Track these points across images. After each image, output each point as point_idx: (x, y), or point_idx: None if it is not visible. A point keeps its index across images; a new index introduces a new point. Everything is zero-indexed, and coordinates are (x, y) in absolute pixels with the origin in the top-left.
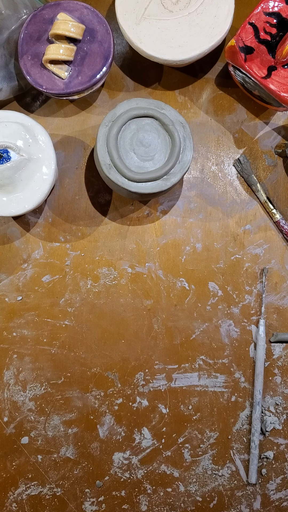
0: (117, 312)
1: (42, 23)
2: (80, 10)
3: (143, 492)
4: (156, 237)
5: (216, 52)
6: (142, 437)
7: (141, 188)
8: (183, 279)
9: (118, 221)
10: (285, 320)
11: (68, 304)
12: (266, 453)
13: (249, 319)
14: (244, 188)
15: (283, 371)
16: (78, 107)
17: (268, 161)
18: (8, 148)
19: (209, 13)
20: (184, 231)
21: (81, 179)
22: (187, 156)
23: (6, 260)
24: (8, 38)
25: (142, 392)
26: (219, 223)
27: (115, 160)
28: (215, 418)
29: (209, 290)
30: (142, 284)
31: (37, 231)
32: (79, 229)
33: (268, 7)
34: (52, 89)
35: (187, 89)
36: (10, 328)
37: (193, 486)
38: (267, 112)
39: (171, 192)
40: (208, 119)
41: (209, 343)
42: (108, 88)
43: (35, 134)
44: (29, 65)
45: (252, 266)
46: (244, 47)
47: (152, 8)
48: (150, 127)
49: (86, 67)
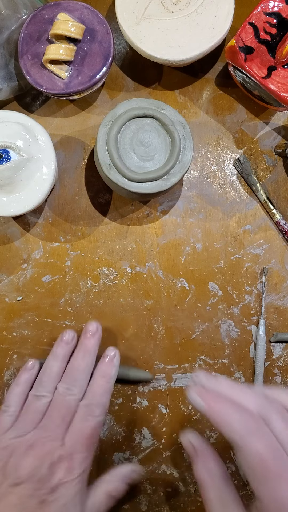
0: (117, 312)
1: (42, 23)
2: (80, 10)
3: (143, 492)
4: (156, 237)
5: (216, 52)
6: (142, 437)
7: (141, 188)
8: (183, 279)
9: (118, 221)
10: (285, 320)
11: (68, 304)
12: None
13: (249, 319)
14: (244, 188)
15: (283, 371)
16: (78, 107)
17: (268, 161)
18: (8, 148)
19: (209, 13)
20: (184, 231)
21: (81, 179)
22: (187, 156)
23: (6, 260)
24: (8, 38)
25: (142, 392)
26: (219, 223)
27: (115, 160)
28: None
29: (209, 290)
30: (142, 284)
31: (37, 231)
32: (79, 229)
33: (268, 7)
34: (52, 89)
35: (187, 89)
36: (10, 328)
37: (193, 486)
38: (267, 112)
39: (171, 192)
40: (208, 119)
41: (209, 343)
42: (108, 88)
43: (35, 134)
44: (29, 65)
45: (252, 266)
46: (244, 47)
47: (152, 8)
48: (150, 127)
49: (86, 67)
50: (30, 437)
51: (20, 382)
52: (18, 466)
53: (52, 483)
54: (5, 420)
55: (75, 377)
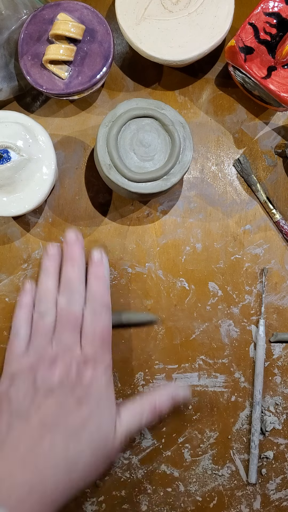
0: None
1: (42, 23)
2: (80, 10)
3: (143, 492)
4: (156, 237)
5: (216, 52)
6: (142, 437)
7: (141, 188)
8: (183, 279)
9: (118, 221)
10: (285, 320)
11: None
12: (266, 453)
13: (249, 319)
14: (244, 188)
15: (283, 371)
16: (78, 107)
17: (268, 161)
18: (8, 148)
19: (209, 13)
20: (184, 231)
21: (81, 179)
22: (187, 156)
23: (6, 260)
24: (8, 38)
25: (142, 392)
26: (219, 223)
27: (115, 160)
28: (215, 418)
29: (209, 290)
30: (142, 284)
31: (37, 231)
32: (79, 229)
33: (268, 7)
34: (52, 89)
35: (187, 89)
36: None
37: (193, 486)
38: (267, 112)
39: (171, 192)
40: (208, 119)
41: (209, 343)
42: (108, 88)
43: (35, 134)
44: (29, 65)
45: (252, 266)
46: (244, 47)
47: (152, 8)
48: (150, 127)
49: (86, 67)
50: (50, 352)
51: (22, 304)
52: (47, 378)
53: (83, 382)
54: (19, 344)
55: (71, 287)
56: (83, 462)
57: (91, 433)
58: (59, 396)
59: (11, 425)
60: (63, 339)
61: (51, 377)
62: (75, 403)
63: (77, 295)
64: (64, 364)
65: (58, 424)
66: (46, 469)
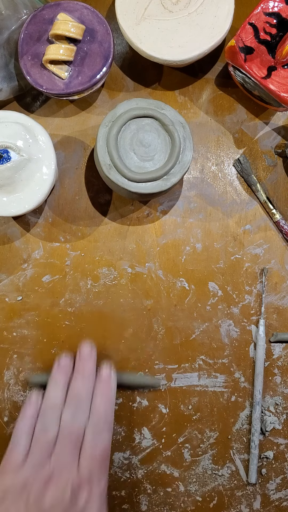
0: (117, 312)
1: (42, 23)
2: (80, 10)
3: (143, 492)
4: (156, 237)
5: (216, 52)
6: (142, 437)
7: (141, 188)
8: (183, 279)
9: (118, 221)
10: (285, 320)
11: (68, 304)
12: (266, 453)
13: (249, 319)
14: (244, 188)
15: (283, 371)
16: (78, 107)
17: (268, 161)
18: (8, 148)
19: (209, 13)
20: (184, 231)
21: (81, 179)
22: (187, 156)
23: (6, 260)
24: (8, 38)
25: (142, 392)
26: (219, 223)
27: (115, 160)
28: (215, 418)
29: (209, 290)
30: (142, 284)
31: (37, 231)
32: (79, 229)
33: (268, 7)
34: (52, 89)
35: (187, 89)
36: (10, 328)
37: (193, 486)
38: (267, 112)
39: (171, 192)
40: (208, 119)
41: (209, 343)
42: (108, 88)
43: (35, 134)
44: (29, 65)
45: (252, 266)
46: (244, 47)
47: (152, 8)
48: (150, 127)
49: (86, 67)
50: (46, 470)
51: (26, 416)
52: (40, 499)
53: (77, 505)
54: (17, 457)
55: (78, 403)
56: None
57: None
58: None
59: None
60: (62, 456)
61: (43, 500)
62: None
63: (82, 412)
64: (58, 486)
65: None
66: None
